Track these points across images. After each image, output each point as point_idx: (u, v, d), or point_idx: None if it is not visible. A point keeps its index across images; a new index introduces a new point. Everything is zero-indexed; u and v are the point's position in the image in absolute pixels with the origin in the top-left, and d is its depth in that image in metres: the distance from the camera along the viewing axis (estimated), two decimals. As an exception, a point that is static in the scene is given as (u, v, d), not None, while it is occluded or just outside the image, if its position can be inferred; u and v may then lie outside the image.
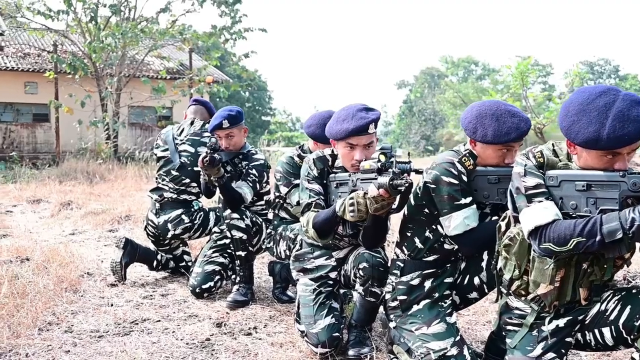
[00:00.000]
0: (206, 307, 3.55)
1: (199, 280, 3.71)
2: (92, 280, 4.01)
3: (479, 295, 2.55)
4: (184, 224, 3.99)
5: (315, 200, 2.74)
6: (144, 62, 18.26)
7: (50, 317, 3.18)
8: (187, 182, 4.02)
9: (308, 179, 2.78)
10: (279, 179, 3.36)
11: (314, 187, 2.76)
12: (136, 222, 6.53)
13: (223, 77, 21.65)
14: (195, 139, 4.09)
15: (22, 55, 19.32)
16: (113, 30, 15.96)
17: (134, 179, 12.47)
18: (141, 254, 4.09)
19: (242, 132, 3.73)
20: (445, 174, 2.39)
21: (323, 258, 2.87)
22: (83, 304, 3.47)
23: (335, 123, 2.65)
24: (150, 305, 3.53)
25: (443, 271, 2.54)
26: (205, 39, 18.03)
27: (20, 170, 13.62)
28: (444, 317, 2.45)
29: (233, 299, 3.54)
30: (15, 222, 7.00)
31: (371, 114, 2.62)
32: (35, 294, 3.40)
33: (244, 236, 3.56)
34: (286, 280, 3.68)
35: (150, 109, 19.95)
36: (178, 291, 3.87)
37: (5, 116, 19.08)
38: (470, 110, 2.46)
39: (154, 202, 4.09)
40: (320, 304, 2.78)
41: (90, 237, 6.00)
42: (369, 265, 2.62)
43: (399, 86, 60.76)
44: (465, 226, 2.36)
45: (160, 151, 4.20)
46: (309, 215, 2.70)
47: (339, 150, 2.69)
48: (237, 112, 3.70)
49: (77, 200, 8.49)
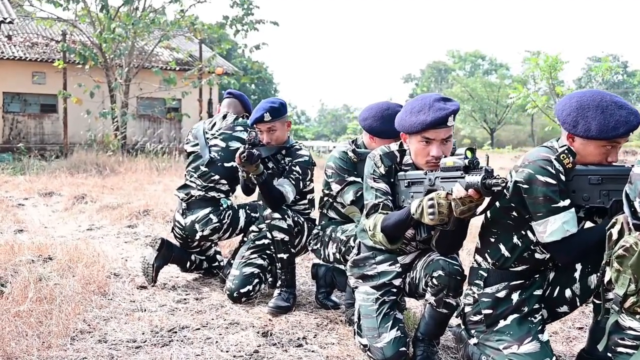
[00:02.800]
0: (246, 313, 3.27)
1: (236, 284, 3.44)
2: (120, 282, 3.74)
3: (570, 308, 2.28)
4: (212, 223, 3.71)
5: (383, 201, 2.46)
6: (153, 53, 17.96)
7: (81, 324, 2.90)
8: (216, 178, 3.74)
9: (374, 177, 2.50)
10: (330, 175, 3.08)
11: (381, 187, 2.48)
12: (155, 218, 6.26)
13: (232, 68, 21.34)
14: (227, 133, 3.81)
15: (30, 44, 19.04)
16: (123, 20, 15.66)
17: (144, 171, 12.21)
18: (176, 256, 3.81)
19: (285, 126, 3.45)
20: (541, 173, 2.11)
21: (386, 264, 2.59)
22: (114, 309, 3.20)
23: (409, 115, 2.36)
24: (185, 311, 3.25)
25: (532, 282, 2.26)
26: (216, 30, 17.72)
27: (29, 162, 13.36)
28: (536, 335, 2.17)
29: (275, 305, 3.27)
30: (28, 216, 6.74)
31: (450, 104, 2.34)
32: (63, 298, 3.13)
33: (286, 237, 3.28)
34: (331, 285, 3.41)
35: (159, 101, 19.69)
36: (213, 295, 3.60)
37: (12, 106, 18.81)
38: (569, 100, 2.17)
39: (180, 202, 3.81)
40: (384, 315, 2.50)
41: (108, 233, 5.73)
42: (444, 273, 2.35)
43: (405, 80, 60.49)
44: (564, 232, 2.08)
45: (190, 146, 3.92)
46: (376, 218, 2.43)
47: (411, 145, 2.40)
48: (279, 104, 3.41)
49: (90, 193, 8.23)
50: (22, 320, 2.75)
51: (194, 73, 17.36)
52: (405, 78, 60.28)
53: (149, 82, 17.20)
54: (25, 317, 2.79)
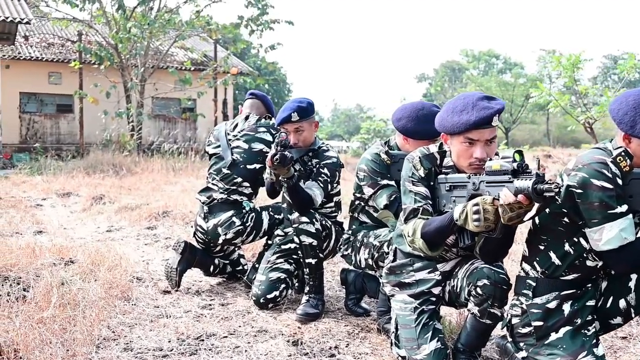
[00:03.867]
0: (273, 320, 3.17)
1: (263, 290, 3.33)
2: (143, 286, 3.65)
3: (624, 320, 2.15)
4: (235, 226, 3.61)
5: (422, 206, 2.34)
6: (168, 53, 17.94)
7: (105, 331, 2.81)
8: (238, 181, 3.64)
9: (412, 180, 2.38)
10: (362, 178, 2.96)
11: (421, 190, 2.36)
12: (175, 219, 6.18)
13: (247, 68, 21.29)
14: (249, 135, 3.71)
15: (46, 45, 19.11)
16: (139, 20, 15.65)
17: (161, 171, 12.17)
18: (199, 260, 3.71)
19: (312, 127, 3.33)
20: (597, 177, 1.98)
21: (425, 271, 2.47)
22: (138, 315, 3.11)
23: (451, 114, 2.24)
24: (211, 317, 3.15)
25: (584, 292, 2.13)
26: (231, 30, 17.66)
27: (46, 162, 13.38)
28: (590, 349, 2.04)
29: (304, 312, 3.16)
30: (47, 217, 6.69)
31: (494, 103, 2.22)
32: (87, 303, 3.04)
33: (314, 242, 3.17)
34: (361, 291, 3.29)
35: (174, 101, 19.69)
36: (238, 300, 3.50)
37: (29, 106, 18.89)
38: (624, 99, 2.03)
39: (201, 205, 3.71)
40: (423, 325, 2.39)
41: (128, 235, 5.66)
42: (490, 282, 2.22)
43: (418, 80, 60.21)
44: (622, 240, 1.95)
45: (211, 148, 3.82)
46: (415, 223, 2.31)
47: (453, 146, 2.28)
48: (307, 103, 3.30)
49: (108, 194, 8.18)
50: (46, 327, 2.66)
51: (209, 73, 17.32)
52: (418, 77, 59.96)
53: (165, 82, 17.19)
54: (48, 323, 2.70)
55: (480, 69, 59.86)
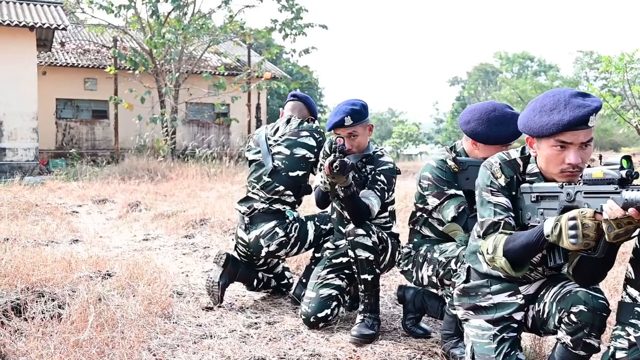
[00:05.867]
0: (326, 341, 2.90)
1: (313, 308, 3.06)
2: (183, 302, 3.41)
3: None
4: (278, 238, 3.35)
5: (504, 219, 2.05)
6: (202, 59, 17.90)
7: (145, 354, 2.58)
8: (280, 189, 3.38)
9: (492, 189, 2.09)
10: (427, 187, 2.68)
11: (501, 201, 2.07)
12: (212, 227, 5.96)
13: (281, 73, 21.14)
14: (291, 139, 3.45)
15: (81, 51, 19.26)
16: (173, 24, 15.64)
17: (195, 177, 12.04)
18: (242, 273, 3.47)
19: (366, 130, 3.06)
20: None
21: (505, 294, 2.17)
22: (180, 335, 2.87)
23: (539, 114, 1.95)
24: (258, 338, 2.90)
25: None
26: (265, 34, 17.53)
27: (81, 168, 13.39)
28: None
29: (359, 333, 2.88)
30: (83, 225, 6.56)
31: (590, 100, 1.92)
32: (125, 321, 2.81)
33: (371, 256, 2.89)
34: (420, 310, 3.00)
35: (208, 106, 19.65)
36: (286, 318, 3.24)
37: (65, 112, 19.06)
38: None
39: (242, 216, 3.46)
40: (505, 356, 2.09)
41: (165, 244, 5.47)
42: (587, 308, 1.92)
43: (451, 83, 59.45)
44: None
45: (251, 154, 3.56)
46: (496, 239, 2.02)
47: (541, 150, 1.99)
48: (361, 105, 3.03)
49: (144, 200, 8.04)
50: (83, 350, 2.44)
51: (243, 77, 17.21)
52: (451, 81, 59.09)
53: (198, 87, 17.14)
54: (85, 346, 2.48)
55: (514, 71, 58.83)
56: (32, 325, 2.64)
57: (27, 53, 14.01)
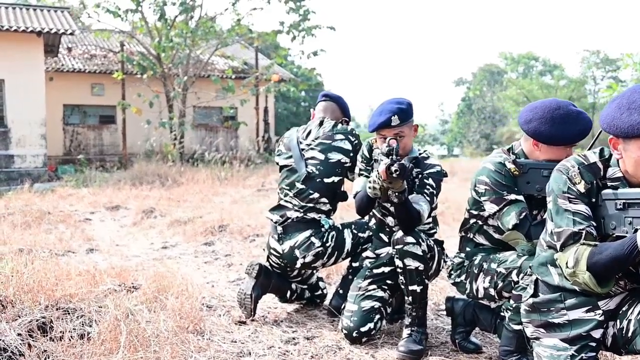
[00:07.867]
0: (371, 358, 2.71)
1: (355, 322, 2.87)
2: (214, 316, 3.23)
3: None
4: (314, 248, 3.16)
5: (585, 229, 1.86)
6: (209, 62, 17.75)
7: (183, 376, 2.40)
8: (315, 197, 3.19)
9: (569, 196, 1.90)
10: (484, 192, 2.48)
11: (581, 209, 1.88)
12: (232, 234, 5.79)
13: (289, 75, 20.99)
14: (325, 143, 3.26)
15: (88, 56, 19.13)
16: (181, 28, 15.49)
17: (206, 182, 11.85)
18: (275, 284, 3.29)
19: (412, 131, 2.87)
20: None
21: (582, 309, 1.98)
22: (216, 354, 2.68)
23: (627, 111, 1.76)
24: (299, 355, 2.71)
25: None
26: (272, 36, 17.38)
27: (90, 174, 13.24)
28: None
29: (407, 349, 2.69)
30: (97, 232, 6.39)
31: (686, 97, 1.73)
32: (158, 340, 2.63)
33: (421, 266, 2.70)
34: (471, 323, 2.81)
35: (216, 109, 19.50)
36: (324, 332, 3.05)
37: (72, 118, 18.91)
38: None
39: (274, 226, 3.26)
40: (584, 378, 1.90)
41: (185, 252, 5.29)
42: (686, 328, 1.73)
43: (456, 84, 59.19)
44: None
45: (282, 159, 3.37)
46: (578, 252, 1.83)
47: (628, 152, 1.80)
48: (407, 104, 2.85)
49: (157, 206, 7.87)
50: (117, 373, 2.26)
51: (251, 81, 17.06)
52: (456, 82, 58.79)
53: (206, 90, 16.99)
54: (119, 369, 2.30)
55: (519, 71, 58.57)
56: (60, 345, 2.46)
57: (34, 59, 13.87)
